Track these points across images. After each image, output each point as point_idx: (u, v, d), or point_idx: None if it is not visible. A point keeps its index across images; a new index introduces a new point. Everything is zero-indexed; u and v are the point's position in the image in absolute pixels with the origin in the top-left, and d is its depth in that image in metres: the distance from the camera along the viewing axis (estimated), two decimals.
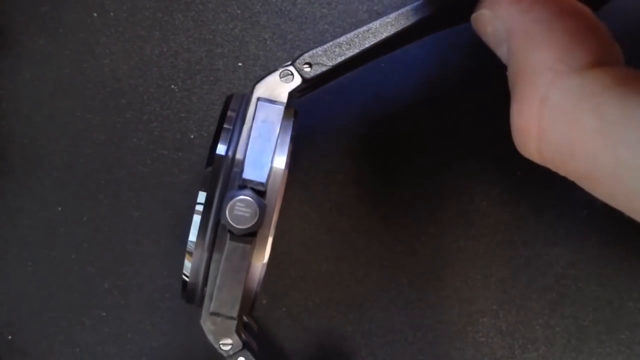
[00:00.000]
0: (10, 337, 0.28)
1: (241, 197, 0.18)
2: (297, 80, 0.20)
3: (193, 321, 0.27)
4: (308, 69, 0.20)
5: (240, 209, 0.19)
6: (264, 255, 0.20)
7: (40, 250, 0.28)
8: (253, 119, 0.20)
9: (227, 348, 0.21)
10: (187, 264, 0.20)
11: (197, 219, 0.20)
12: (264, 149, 0.20)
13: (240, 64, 0.27)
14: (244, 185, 0.19)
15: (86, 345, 0.28)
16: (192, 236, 0.20)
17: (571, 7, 0.18)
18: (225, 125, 0.21)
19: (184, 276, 0.21)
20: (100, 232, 0.28)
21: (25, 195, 0.28)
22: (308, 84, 0.21)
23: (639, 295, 0.25)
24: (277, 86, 0.20)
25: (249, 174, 0.19)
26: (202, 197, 0.20)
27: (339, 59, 0.21)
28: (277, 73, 0.20)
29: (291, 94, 0.20)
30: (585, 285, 0.25)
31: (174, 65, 0.27)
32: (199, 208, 0.20)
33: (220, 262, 0.19)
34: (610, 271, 0.25)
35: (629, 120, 0.15)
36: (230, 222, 0.18)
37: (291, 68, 0.20)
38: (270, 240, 0.20)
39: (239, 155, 0.20)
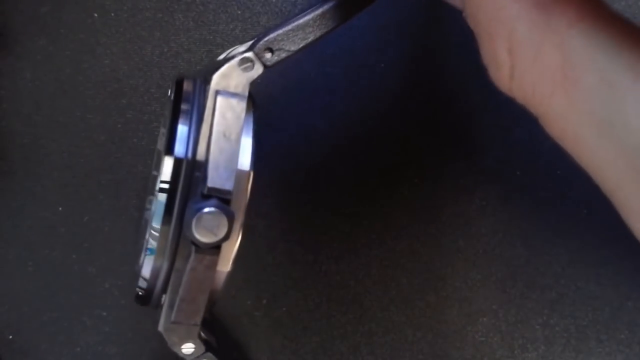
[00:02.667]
0: (10, 337, 0.28)
1: (208, 209, 0.17)
2: (259, 69, 0.18)
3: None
4: (269, 55, 0.18)
5: (207, 222, 0.17)
6: (229, 262, 0.18)
7: (41, 250, 0.28)
8: (212, 115, 0.18)
9: (190, 352, 0.20)
10: (145, 269, 0.19)
11: (156, 225, 0.18)
12: (228, 151, 0.18)
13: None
14: (209, 194, 0.17)
15: (86, 345, 0.28)
16: (149, 243, 0.18)
17: None
18: (181, 122, 0.18)
19: (140, 282, 0.19)
20: (100, 232, 0.28)
21: (25, 195, 0.28)
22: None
23: (638, 295, 0.25)
24: (237, 76, 0.18)
25: (214, 182, 0.17)
26: (156, 201, 0.18)
27: (303, 44, 0.19)
28: (236, 61, 0.18)
29: (252, 84, 0.18)
30: (584, 285, 0.25)
31: (175, 65, 0.27)
32: (158, 212, 0.18)
33: (183, 273, 0.18)
34: (610, 271, 0.25)
35: (590, 61, 0.15)
36: (196, 237, 0.17)
37: (250, 55, 0.18)
38: (236, 247, 0.18)
39: (199, 157, 0.18)
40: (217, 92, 0.18)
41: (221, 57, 0.22)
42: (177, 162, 0.18)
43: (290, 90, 0.27)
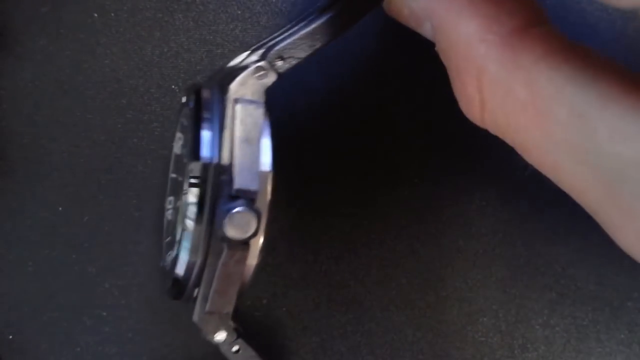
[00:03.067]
0: (10, 337, 0.28)
1: (238, 209, 0.18)
2: (272, 77, 0.19)
3: (193, 321, 0.27)
4: (281, 63, 0.20)
5: (238, 220, 0.18)
6: (256, 256, 0.20)
7: (41, 250, 0.28)
8: (233, 122, 0.19)
9: (222, 339, 0.21)
10: (180, 267, 0.20)
11: (190, 225, 0.20)
12: (250, 154, 0.19)
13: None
14: (237, 195, 0.19)
15: (87, 345, 0.28)
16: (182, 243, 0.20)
17: None
18: (204, 128, 0.20)
19: (175, 277, 0.21)
20: (100, 232, 0.28)
21: (25, 195, 0.28)
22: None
23: (638, 295, 0.25)
24: (252, 84, 0.19)
25: (241, 183, 0.19)
26: (186, 203, 0.20)
27: (311, 50, 0.20)
28: (251, 70, 0.19)
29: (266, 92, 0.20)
30: (584, 285, 0.25)
31: (175, 65, 0.28)
32: (189, 214, 0.20)
33: (215, 267, 0.19)
34: (610, 271, 0.25)
35: (558, 95, 0.16)
36: (228, 234, 0.18)
37: (264, 64, 0.19)
38: (261, 241, 0.20)
39: (224, 162, 0.19)
40: (235, 100, 0.19)
41: (231, 64, 0.23)
42: (206, 167, 0.19)
43: (289, 92, 0.27)
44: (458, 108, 0.26)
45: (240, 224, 0.18)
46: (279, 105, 0.27)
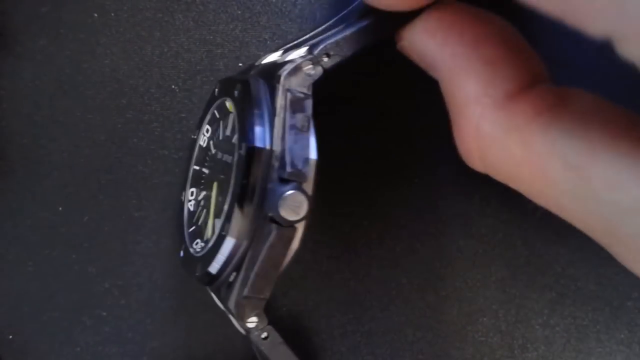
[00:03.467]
0: (10, 337, 0.28)
1: (291, 191, 0.19)
2: (319, 71, 0.20)
3: (193, 321, 0.27)
4: (327, 59, 0.20)
5: (291, 202, 0.19)
6: (298, 240, 0.20)
7: (41, 250, 0.28)
8: (285, 110, 0.20)
9: (253, 325, 0.21)
10: (222, 253, 0.20)
11: (228, 208, 0.20)
12: (300, 141, 0.20)
13: (240, 65, 0.27)
14: (288, 178, 0.19)
15: (87, 345, 0.28)
16: (225, 229, 0.20)
17: (488, 31, 0.19)
18: (256, 116, 0.20)
19: (215, 264, 0.21)
20: (100, 232, 0.28)
21: (25, 195, 0.28)
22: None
23: (638, 295, 0.25)
24: (302, 77, 0.20)
25: (293, 167, 0.20)
26: (228, 187, 0.20)
27: (355, 49, 0.21)
28: (301, 63, 0.20)
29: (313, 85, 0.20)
30: (584, 285, 0.25)
31: (175, 65, 0.28)
32: (233, 195, 0.20)
33: (260, 250, 0.20)
34: (609, 271, 0.25)
35: (551, 151, 0.17)
36: (282, 215, 0.19)
37: (313, 58, 0.20)
38: (304, 227, 0.20)
39: (275, 147, 0.20)
40: (286, 90, 0.20)
41: (263, 61, 0.24)
42: (258, 151, 0.20)
43: None
44: None
45: (293, 205, 0.19)
46: None
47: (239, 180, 0.20)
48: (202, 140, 0.25)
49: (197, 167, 0.25)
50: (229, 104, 0.23)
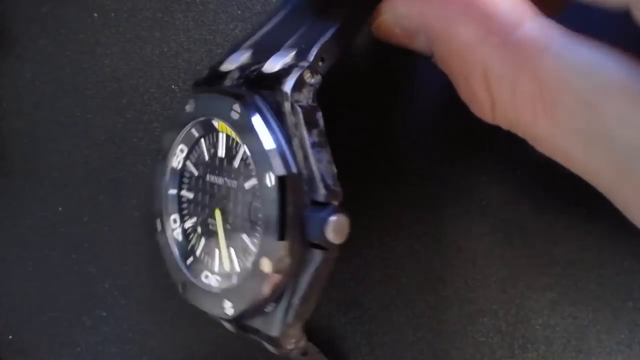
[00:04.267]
0: (10, 337, 0.28)
1: (334, 216, 0.18)
2: (318, 78, 0.19)
3: (193, 321, 0.27)
4: (321, 64, 0.19)
5: (337, 225, 0.18)
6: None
7: (41, 250, 0.28)
8: (298, 128, 0.19)
9: (293, 346, 0.21)
10: (264, 290, 0.19)
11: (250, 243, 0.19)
12: (323, 159, 0.19)
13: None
14: (325, 201, 0.19)
15: (86, 345, 0.28)
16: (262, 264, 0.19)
17: None
18: (273, 139, 0.19)
19: (251, 301, 0.19)
20: (100, 232, 0.28)
21: (25, 195, 0.28)
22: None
23: (639, 295, 0.25)
24: (307, 89, 0.19)
25: (327, 189, 0.19)
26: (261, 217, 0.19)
27: (343, 49, 0.20)
28: (303, 74, 0.19)
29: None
30: (584, 285, 0.25)
31: (175, 65, 0.28)
32: (272, 225, 0.18)
33: (303, 276, 0.19)
34: (610, 271, 0.25)
35: (564, 85, 0.16)
36: (329, 241, 0.18)
37: (312, 66, 0.19)
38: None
39: (302, 170, 0.19)
40: (295, 107, 0.19)
41: (220, 68, 0.22)
42: (291, 179, 0.18)
43: None
44: (457, 108, 0.26)
45: (338, 229, 0.18)
46: None
47: (275, 211, 0.18)
48: (176, 162, 0.23)
49: (173, 191, 0.23)
50: (218, 124, 0.21)
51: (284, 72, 0.19)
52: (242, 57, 0.22)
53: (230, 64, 0.22)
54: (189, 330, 0.28)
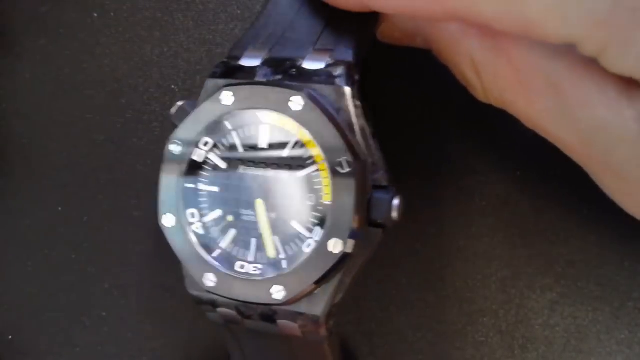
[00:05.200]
0: (10, 337, 0.28)
1: (398, 198, 0.20)
2: (358, 77, 0.21)
3: (193, 321, 0.27)
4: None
5: (400, 207, 0.20)
6: None
7: (40, 250, 0.28)
8: (359, 120, 0.20)
9: (330, 324, 0.21)
10: (337, 270, 0.20)
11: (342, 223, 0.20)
12: (378, 147, 0.21)
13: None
14: (387, 185, 0.21)
15: (86, 345, 0.28)
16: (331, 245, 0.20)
17: None
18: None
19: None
20: (100, 232, 0.28)
21: (25, 195, 0.28)
22: None
23: (639, 295, 0.25)
24: (356, 85, 0.21)
25: (389, 173, 0.21)
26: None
27: (368, 46, 0.21)
28: (347, 71, 0.20)
29: None
30: (585, 285, 0.25)
31: (175, 65, 0.28)
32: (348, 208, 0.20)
33: (360, 256, 0.20)
34: (610, 271, 0.25)
35: (535, 69, 0.18)
36: (395, 219, 0.20)
37: (351, 65, 0.20)
38: None
39: (364, 158, 0.20)
40: (356, 101, 0.20)
41: (239, 63, 0.22)
42: (363, 164, 0.20)
43: None
44: (457, 108, 0.26)
45: (400, 209, 0.20)
46: None
47: (352, 196, 0.20)
48: (196, 155, 0.22)
49: (190, 185, 0.23)
50: (264, 115, 0.21)
51: (332, 68, 0.20)
52: (261, 53, 0.22)
53: (251, 60, 0.22)
54: (189, 330, 0.28)
